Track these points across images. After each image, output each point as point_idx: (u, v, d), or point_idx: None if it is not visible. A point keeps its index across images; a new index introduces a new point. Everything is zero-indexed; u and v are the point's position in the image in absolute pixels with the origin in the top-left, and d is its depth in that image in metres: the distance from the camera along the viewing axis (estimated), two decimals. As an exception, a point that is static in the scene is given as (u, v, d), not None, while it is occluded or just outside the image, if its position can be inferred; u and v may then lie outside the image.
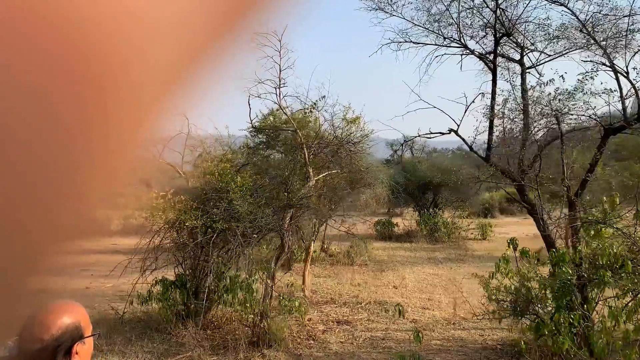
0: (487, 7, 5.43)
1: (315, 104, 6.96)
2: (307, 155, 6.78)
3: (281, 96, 6.88)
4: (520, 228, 20.01)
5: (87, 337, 1.60)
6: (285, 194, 6.60)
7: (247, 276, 6.36)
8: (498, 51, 6.16)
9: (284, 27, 6.84)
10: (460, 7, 5.61)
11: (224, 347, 5.71)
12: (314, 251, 9.95)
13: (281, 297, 6.07)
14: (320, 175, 6.97)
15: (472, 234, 16.02)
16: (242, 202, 5.85)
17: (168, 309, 6.40)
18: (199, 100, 0.31)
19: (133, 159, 0.31)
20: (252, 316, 5.83)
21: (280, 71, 6.82)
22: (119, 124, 0.28)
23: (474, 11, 5.61)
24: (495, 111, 5.51)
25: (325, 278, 9.74)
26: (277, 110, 11.24)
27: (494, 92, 5.64)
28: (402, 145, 7.22)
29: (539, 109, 5.17)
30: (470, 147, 5.83)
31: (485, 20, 5.61)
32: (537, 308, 4.96)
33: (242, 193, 5.99)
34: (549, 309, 4.93)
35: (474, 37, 6.21)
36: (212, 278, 6.44)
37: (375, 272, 10.36)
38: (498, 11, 5.32)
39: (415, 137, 6.35)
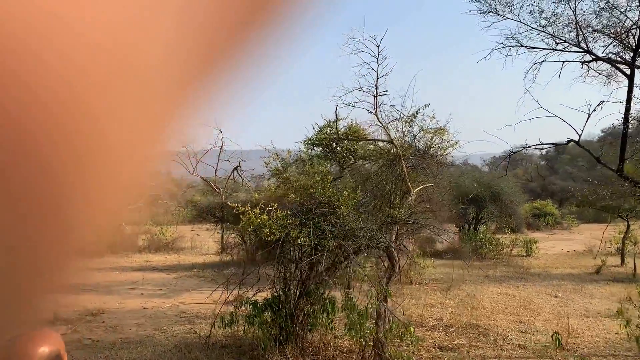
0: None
1: (416, 113, 6.54)
2: (405, 168, 6.34)
3: (377, 105, 6.41)
4: (556, 244, 19.63)
5: None
6: (389, 209, 6.16)
7: (347, 297, 5.89)
8: (609, 55, 5.76)
9: (384, 31, 6.46)
10: (588, 7, 5.22)
11: (341, 377, 5.22)
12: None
13: (391, 322, 5.59)
14: (417, 189, 6.52)
15: (511, 250, 15.57)
16: (356, 217, 5.40)
17: (265, 333, 5.87)
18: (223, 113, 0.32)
19: (140, 174, 0.31)
20: (370, 343, 5.34)
21: (377, 78, 6.40)
22: (126, 137, 0.28)
23: (613, 11, 5.22)
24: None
25: (392, 297, 9.25)
26: (334, 122, 10.88)
27: (629, 100, 5.23)
28: (509, 156, 6.78)
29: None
30: (598, 159, 5.41)
31: (627, 20, 5.23)
32: None
33: (350, 208, 5.54)
34: None
35: (584, 40, 5.79)
36: (311, 299, 5.97)
37: (442, 292, 9.88)
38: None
39: (524, 147, 5.94)
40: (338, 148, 10.65)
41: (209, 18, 0.29)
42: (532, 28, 5.61)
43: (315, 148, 10.90)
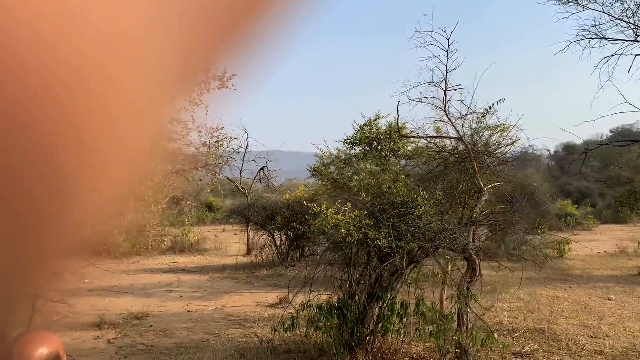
0: None
1: (489, 109, 6.27)
2: (476, 167, 6.08)
3: (447, 100, 6.16)
4: (583, 245, 19.26)
5: None
6: (462, 209, 5.91)
7: (420, 301, 5.64)
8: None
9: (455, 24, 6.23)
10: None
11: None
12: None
13: (472, 327, 5.35)
14: (487, 187, 6.26)
15: (540, 251, 15.23)
16: (438, 218, 5.15)
17: (335, 337, 5.61)
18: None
19: (134, 169, 0.31)
20: (457, 349, 5.08)
21: (446, 72, 6.15)
22: (119, 132, 0.28)
23: None
24: None
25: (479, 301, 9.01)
26: (375, 120, 10.63)
27: None
28: (585, 153, 6.51)
29: None
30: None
31: None
32: None
33: (430, 208, 5.29)
34: None
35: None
36: (383, 302, 5.72)
37: (487, 294, 9.60)
38: None
39: (602, 144, 5.67)
40: (379, 147, 10.39)
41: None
42: (616, 18, 5.38)
43: (354, 147, 10.64)
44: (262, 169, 15.60)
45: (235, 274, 12.36)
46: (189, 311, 8.58)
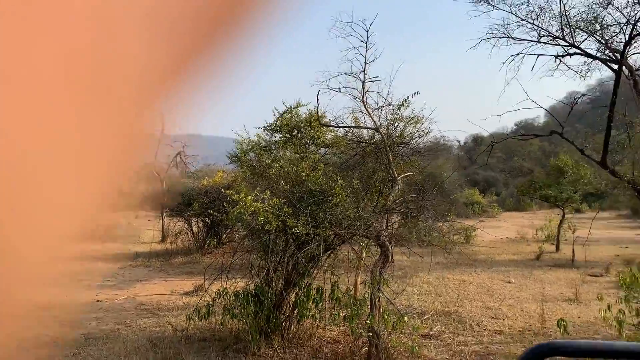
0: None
1: (406, 100, 6.45)
2: (391, 157, 6.27)
3: (365, 91, 6.28)
4: (487, 231, 20.46)
5: None
6: (377, 197, 6.09)
7: (333, 286, 5.78)
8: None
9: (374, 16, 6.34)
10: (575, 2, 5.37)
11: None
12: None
13: (384, 311, 5.54)
14: (400, 177, 6.49)
15: (449, 237, 16.05)
16: (354, 206, 5.27)
17: (251, 325, 5.61)
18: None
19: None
20: (369, 333, 5.24)
21: (365, 64, 6.27)
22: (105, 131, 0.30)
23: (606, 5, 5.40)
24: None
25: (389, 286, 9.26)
26: (295, 107, 10.64)
27: (615, 93, 5.44)
28: (491, 146, 6.85)
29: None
30: (582, 151, 5.61)
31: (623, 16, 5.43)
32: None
33: (346, 196, 5.40)
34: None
35: (570, 34, 5.96)
36: (300, 289, 5.80)
37: (399, 279, 9.98)
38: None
39: (507, 138, 6.05)
40: (299, 134, 10.43)
41: (185, 15, 0.29)
42: (522, 19, 5.76)
43: (275, 134, 10.62)
44: (178, 154, 15.18)
45: (149, 262, 12.01)
46: (98, 301, 8.23)
